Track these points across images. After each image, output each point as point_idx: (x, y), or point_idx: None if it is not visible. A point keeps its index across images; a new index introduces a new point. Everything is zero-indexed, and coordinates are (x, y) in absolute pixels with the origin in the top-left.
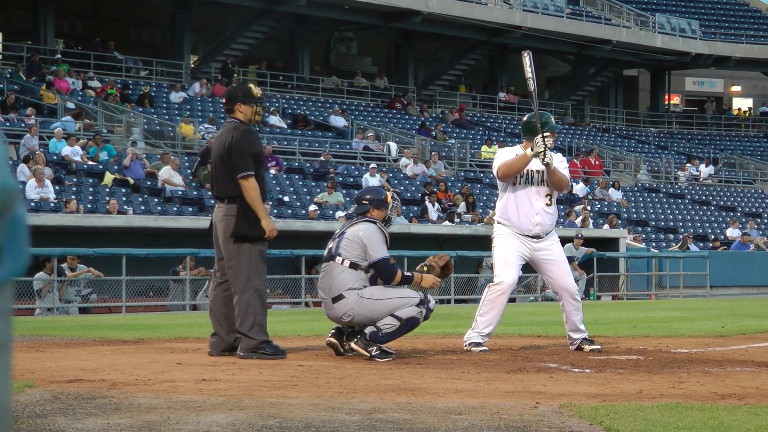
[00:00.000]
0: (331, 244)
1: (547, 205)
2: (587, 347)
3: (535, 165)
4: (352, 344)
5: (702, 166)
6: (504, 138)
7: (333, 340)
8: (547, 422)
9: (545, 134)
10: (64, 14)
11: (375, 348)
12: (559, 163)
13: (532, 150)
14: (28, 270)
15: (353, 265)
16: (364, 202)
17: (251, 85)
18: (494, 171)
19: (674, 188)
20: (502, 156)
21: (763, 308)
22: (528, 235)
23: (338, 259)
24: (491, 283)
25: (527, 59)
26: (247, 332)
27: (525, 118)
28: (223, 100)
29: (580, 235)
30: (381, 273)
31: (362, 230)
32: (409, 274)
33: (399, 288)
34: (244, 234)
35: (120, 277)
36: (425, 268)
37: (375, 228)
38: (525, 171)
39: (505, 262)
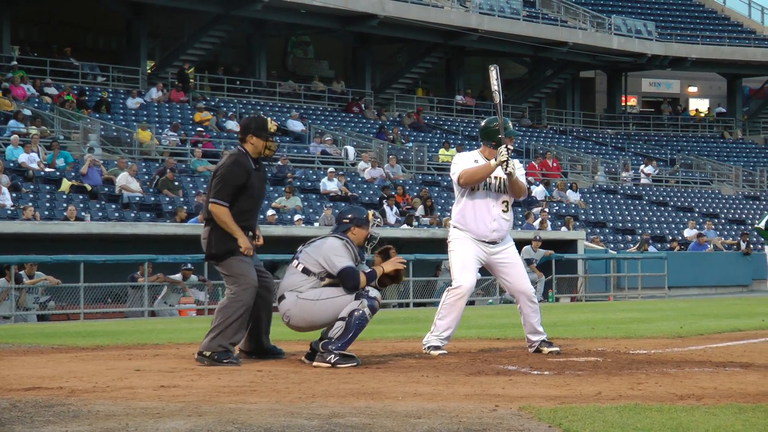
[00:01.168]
0: (298, 249)
1: (503, 211)
2: (546, 349)
3: (495, 172)
4: (314, 364)
5: (642, 166)
6: (462, 141)
7: (305, 360)
8: (506, 425)
9: (510, 146)
10: (20, 21)
11: (333, 356)
12: (518, 170)
13: (495, 159)
14: None
15: (305, 270)
16: (344, 221)
17: (267, 119)
18: (453, 177)
19: (632, 189)
20: (462, 162)
21: (720, 308)
22: (484, 241)
23: (294, 262)
24: (450, 287)
25: (494, 73)
26: (214, 333)
27: (483, 123)
28: (238, 129)
29: (538, 237)
30: (347, 282)
31: (327, 243)
32: (368, 270)
33: (334, 288)
34: (214, 254)
35: (78, 284)
36: (378, 258)
37: (340, 243)
38: None
39: (463, 266)
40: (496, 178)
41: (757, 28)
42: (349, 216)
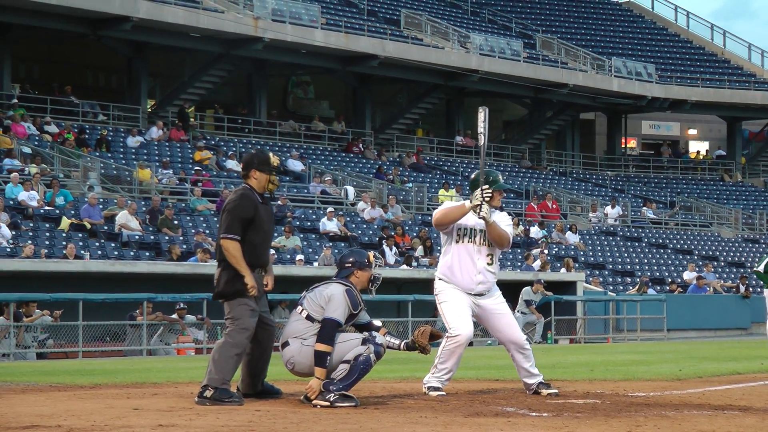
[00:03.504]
0: (302, 294)
1: (488, 264)
2: (544, 391)
3: (480, 223)
4: (312, 402)
5: (608, 208)
6: (461, 182)
7: (304, 400)
8: None
9: (485, 188)
10: (21, 59)
11: (333, 394)
12: (503, 220)
13: (470, 202)
14: None
15: (309, 317)
16: (347, 265)
17: (270, 154)
18: (432, 219)
19: (631, 231)
20: (444, 204)
21: (719, 351)
22: (470, 293)
23: (299, 308)
24: (448, 335)
25: (482, 114)
26: (208, 370)
27: (473, 176)
28: (240, 166)
29: (541, 280)
30: (322, 330)
31: (331, 289)
32: (326, 352)
33: (341, 334)
34: (222, 293)
35: (77, 322)
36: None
37: (342, 292)
38: (468, 229)
39: (458, 314)
40: (481, 230)
41: (757, 71)
42: (351, 260)
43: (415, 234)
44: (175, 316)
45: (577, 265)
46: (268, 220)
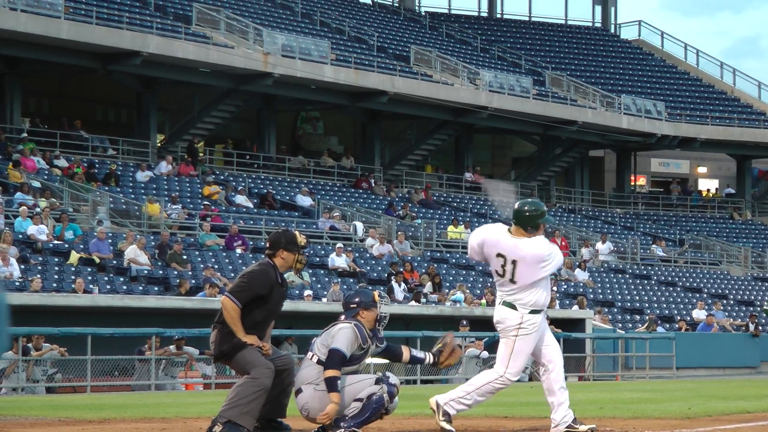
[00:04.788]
0: (312, 340)
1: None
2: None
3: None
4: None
5: (599, 244)
6: (470, 218)
7: None
8: None
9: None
10: (31, 93)
11: (344, 431)
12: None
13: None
14: None
15: (320, 362)
16: (352, 306)
17: (296, 233)
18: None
19: (640, 269)
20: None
21: (729, 390)
22: None
23: (309, 354)
24: (503, 375)
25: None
26: (225, 407)
27: (518, 206)
28: (267, 244)
29: (464, 322)
30: (328, 359)
31: (339, 327)
32: (335, 376)
33: (355, 375)
34: (224, 351)
35: (85, 356)
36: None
37: (349, 331)
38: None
39: (525, 362)
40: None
41: (767, 109)
42: (356, 300)
43: (423, 270)
44: (173, 347)
45: (586, 303)
46: (278, 301)
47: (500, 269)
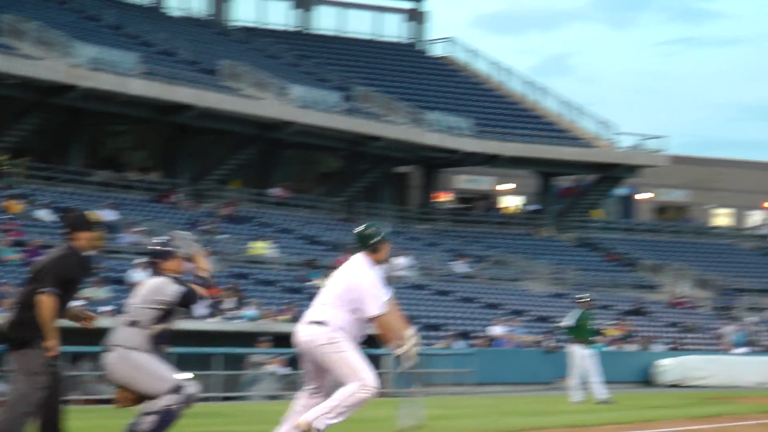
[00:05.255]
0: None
1: None
2: None
3: None
4: None
5: (400, 258)
6: (275, 234)
7: None
8: None
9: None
10: None
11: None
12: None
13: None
14: None
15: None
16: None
17: (86, 212)
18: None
19: (441, 285)
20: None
21: (528, 406)
22: None
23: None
24: (363, 385)
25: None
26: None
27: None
28: (66, 229)
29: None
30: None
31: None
32: None
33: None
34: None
35: None
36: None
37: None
38: None
39: (365, 364)
40: None
41: (571, 127)
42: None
43: (225, 286)
44: None
45: None
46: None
47: None
